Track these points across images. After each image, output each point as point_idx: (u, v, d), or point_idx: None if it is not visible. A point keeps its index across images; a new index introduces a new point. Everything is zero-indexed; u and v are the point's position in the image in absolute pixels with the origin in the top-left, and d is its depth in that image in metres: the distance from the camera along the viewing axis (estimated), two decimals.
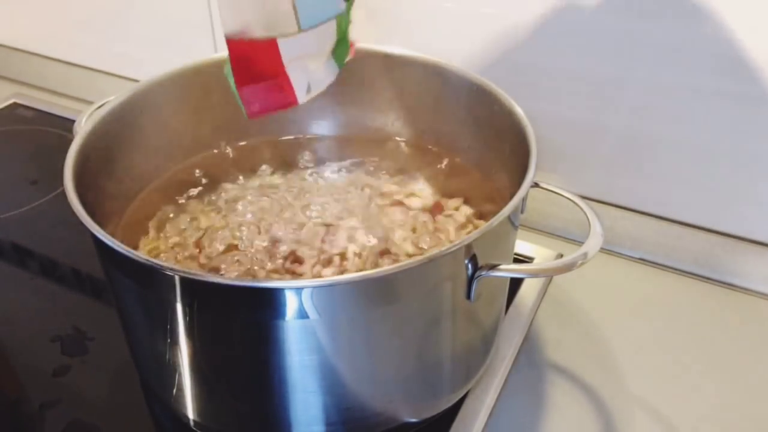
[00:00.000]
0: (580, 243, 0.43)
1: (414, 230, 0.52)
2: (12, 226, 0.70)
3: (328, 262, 0.49)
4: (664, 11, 0.53)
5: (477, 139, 0.56)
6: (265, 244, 0.50)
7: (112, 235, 0.40)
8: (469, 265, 0.41)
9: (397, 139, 0.61)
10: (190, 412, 0.46)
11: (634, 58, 0.56)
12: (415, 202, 0.55)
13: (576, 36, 0.57)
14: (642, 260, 0.65)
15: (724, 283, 0.62)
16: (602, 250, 0.65)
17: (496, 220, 0.40)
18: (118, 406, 0.52)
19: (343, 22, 0.45)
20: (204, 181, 0.58)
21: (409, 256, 0.50)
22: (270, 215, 0.53)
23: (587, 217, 0.44)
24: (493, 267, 0.41)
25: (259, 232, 0.52)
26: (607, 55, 0.57)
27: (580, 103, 0.60)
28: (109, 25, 0.85)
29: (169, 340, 0.42)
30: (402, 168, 0.59)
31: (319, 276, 0.48)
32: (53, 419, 0.51)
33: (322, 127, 0.63)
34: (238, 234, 0.52)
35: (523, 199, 0.44)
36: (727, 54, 0.53)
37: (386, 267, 0.38)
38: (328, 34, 0.44)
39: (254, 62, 0.41)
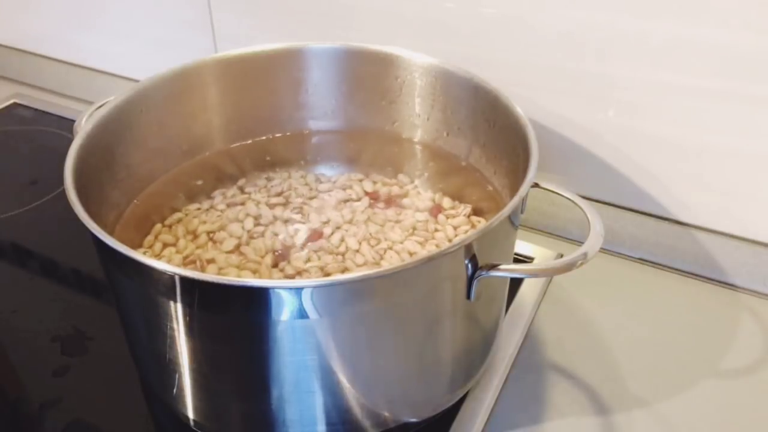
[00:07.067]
0: (580, 243, 0.43)
1: (413, 230, 0.52)
2: (12, 226, 0.70)
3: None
4: (664, 11, 0.53)
5: (477, 138, 0.57)
6: (264, 244, 0.50)
7: (112, 234, 0.40)
8: (469, 265, 0.41)
9: (397, 138, 0.61)
10: (190, 412, 0.46)
11: (634, 57, 0.56)
12: (414, 202, 0.55)
13: (576, 35, 0.57)
14: (642, 260, 0.65)
15: (724, 283, 0.62)
16: (602, 250, 0.65)
17: (496, 220, 0.40)
18: (118, 406, 0.52)
19: None
20: (204, 181, 0.58)
21: (410, 254, 0.50)
22: (269, 215, 0.53)
23: (587, 217, 0.44)
24: (493, 267, 0.41)
25: (259, 233, 0.52)
26: (607, 54, 0.57)
27: (579, 103, 0.60)
28: (109, 25, 0.85)
29: (168, 340, 0.42)
30: (401, 167, 0.59)
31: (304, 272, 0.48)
32: (53, 419, 0.51)
33: (322, 125, 0.63)
34: (238, 234, 0.52)
35: (523, 199, 0.44)
36: (727, 54, 0.53)
37: (386, 267, 0.38)
38: None
39: None
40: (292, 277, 0.48)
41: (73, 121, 0.52)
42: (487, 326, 0.49)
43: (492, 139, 0.54)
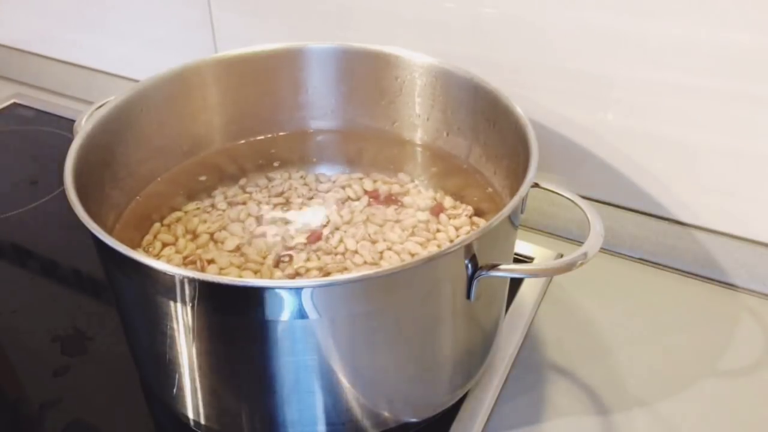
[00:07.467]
0: (580, 243, 0.43)
1: (413, 230, 0.52)
2: (12, 226, 0.70)
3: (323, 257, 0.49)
4: (664, 11, 0.53)
5: (477, 138, 0.57)
6: (266, 244, 0.50)
7: (112, 234, 0.40)
8: (469, 265, 0.41)
9: (397, 138, 0.61)
10: (190, 412, 0.46)
11: (634, 57, 0.56)
12: (415, 200, 0.55)
13: (576, 35, 0.57)
14: (642, 260, 0.65)
15: (724, 283, 0.62)
16: (602, 250, 0.65)
17: (496, 220, 0.40)
18: (118, 406, 0.52)
19: None
20: (204, 180, 0.58)
21: (411, 255, 0.50)
22: (269, 215, 0.53)
23: (587, 217, 0.44)
24: (493, 267, 0.41)
25: (260, 233, 0.52)
26: (607, 54, 0.57)
27: (579, 103, 0.60)
28: (109, 26, 0.85)
29: (168, 340, 0.42)
30: (402, 167, 0.59)
31: (305, 272, 0.48)
32: (53, 419, 0.51)
33: (322, 125, 0.63)
34: (239, 234, 0.52)
35: (523, 199, 0.44)
36: (727, 54, 0.53)
37: (386, 267, 0.38)
38: None
39: None
40: (292, 277, 0.48)
41: (73, 121, 0.52)
42: (487, 326, 0.49)
43: (492, 139, 0.54)
